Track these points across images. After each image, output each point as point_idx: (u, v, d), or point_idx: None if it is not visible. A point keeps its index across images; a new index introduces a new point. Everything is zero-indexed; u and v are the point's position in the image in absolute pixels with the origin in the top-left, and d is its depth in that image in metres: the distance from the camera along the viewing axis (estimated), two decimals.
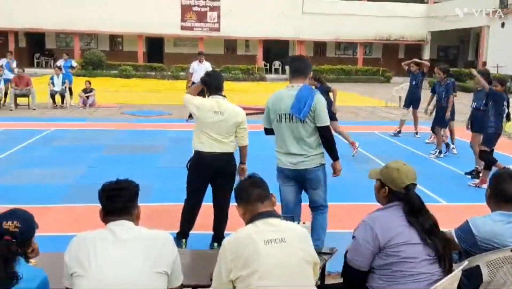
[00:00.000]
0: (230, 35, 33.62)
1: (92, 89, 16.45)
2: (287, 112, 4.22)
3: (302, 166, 4.30)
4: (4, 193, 6.65)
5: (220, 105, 4.66)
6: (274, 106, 4.31)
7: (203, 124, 4.65)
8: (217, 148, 4.66)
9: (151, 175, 7.63)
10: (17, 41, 33.36)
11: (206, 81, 4.83)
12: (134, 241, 2.34)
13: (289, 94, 4.23)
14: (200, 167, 4.75)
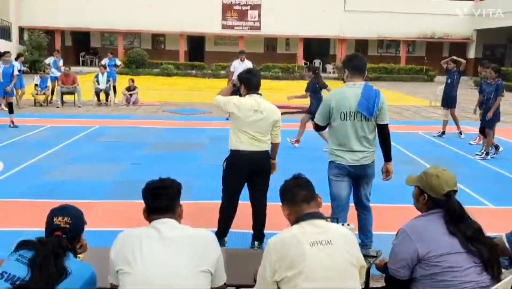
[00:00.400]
0: (271, 34, 33.63)
1: (135, 87, 16.75)
2: (353, 110, 4.22)
3: (364, 161, 4.37)
4: (51, 188, 6.85)
5: (259, 104, 4.67)
6: (338, 104, 4.26)
7: (242, 124, 4.64)
8: (255, 146, 4.67)
9: (192, 173, 7.70)
10: (64, 40, 34.32)
11: (248, 79, 4.80)
12: (178, 239, 2.36)
13: (354, 92, 4.23)
14: (238, 166, 4.75)
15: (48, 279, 2.23)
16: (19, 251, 2.34)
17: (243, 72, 5.04)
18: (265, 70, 30.76)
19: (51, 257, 2.27)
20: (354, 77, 4.33)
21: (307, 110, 10.32)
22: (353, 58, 4.52)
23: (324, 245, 2.32)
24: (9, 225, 5.42)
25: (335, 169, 4.41)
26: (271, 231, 5.30)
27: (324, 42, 36.06)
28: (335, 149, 4.39)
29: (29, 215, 5.81)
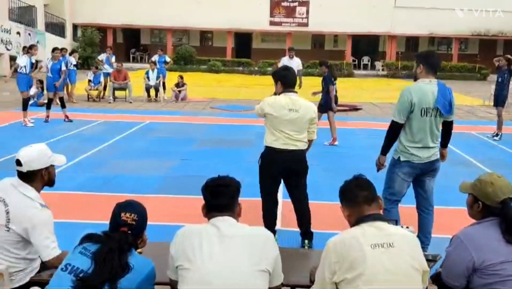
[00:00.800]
0: (319, 30, 33.34)
1: (184, 84, 16.98)
2: (431, 107, 4.25)
3: (434, 157, 4.43)
4: (105, 182, 7.04)
5: (294, 102, 4.61)
6: (420, 100, 4.24)
7: (278, 122, 4.59)
8: (291, 145, 4.63)
9: (240, 170, 7.71)
10: (115, 37, 35.16)
11: (285, 76, 4.75)
12: (237, 237, 2.37)
13: (431, 89, 4.26)
14: (273, 162, 4.72)
15: (110, 273, 2.29)
16: (83, 244, 2.41)
17: (280, 69, 5.03)
18: (312, 67, 30.53)
19: (115, 252, 2.32)
20: (430, 74, 4.33)
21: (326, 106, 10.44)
22: (431, 56, 4.53)
23: (385, 248, 2.28)
24: (66, 217, 5.60)
25: (407, 168, 4.38)
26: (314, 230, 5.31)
27: (373, 39, 35.48)
28: (410, 147, 4.34)
29: (84, 207, 5.99)
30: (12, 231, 2.83)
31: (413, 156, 4.33)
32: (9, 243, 2.85)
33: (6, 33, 24.51)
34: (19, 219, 2.83)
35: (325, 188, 7.00)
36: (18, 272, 2.89)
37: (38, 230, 2.83)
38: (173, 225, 5.21)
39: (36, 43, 25.52)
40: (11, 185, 2.95)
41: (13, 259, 2.87)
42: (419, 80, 4.36)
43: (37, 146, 3.06)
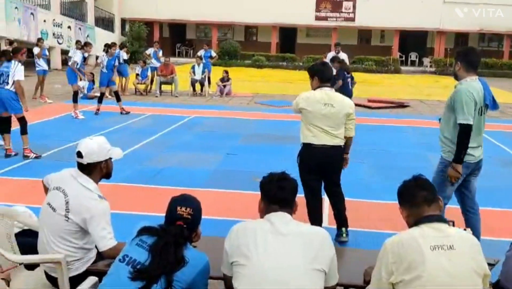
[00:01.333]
0: (365, 25, 32.86)
1: (229, 78, 17.07)
2: (482, 104, 4.19)
3: (482, 156, 4.36)
4: (153, 174, 7.16)
5: (330, 97, 4.58)
6: (478, 99, 4.14)
7: (312, 117, 4.56)
8: (327, 140, 4.58)
9: (286, 166, 7.66)
10: (162, 31, 35.69)
11: (322, 71, 4.72)
12: (293, 235, 2.34)
13: (479, 86, 4.19)
14: (312, 159, 4.67)
15: (166, 266, 2.32)
16: (140, 236, 2.45)
17: (317, 64, 5.01)
18: (358, 63, 30.17)
19: (171, 245, 2.35)
20: (470, 72, 4.22)
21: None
22: (470, 52, 4.39)
23: (445, 250, 2.21)
24: (115, 208, 5.71)
25: (463, 168, 4.19)
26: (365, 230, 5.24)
27: (421, 34, 34.67)
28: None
29: (133, 199, 6.11)
30: (71, 220, 2.91)
31: (468, 156, 4.18)
32: (67, 233, 2.92)
33: (58, 27, 25.26)
34: (78, 210, 2.90)
35: (374, 186, 6.91)
36: (75, 261, 2.97)
37: (96, 221, 2.89)
38: (220, 219, 5.27)
39: (86, 38, 26.23)
40: (70, 176, 3.02)
41: (71, 248, 2.95)
42: (467, 79, 4.21)
43: (97, 138, 3.13)
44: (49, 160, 7.86)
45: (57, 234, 2.93)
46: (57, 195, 2.97)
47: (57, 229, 2.93)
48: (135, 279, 2.29)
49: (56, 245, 2.93)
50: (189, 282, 2.39)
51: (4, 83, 7.76)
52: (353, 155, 8.43)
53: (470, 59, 4.24)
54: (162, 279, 2.30)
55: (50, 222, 2.96)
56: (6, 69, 7.84)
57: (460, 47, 4.88)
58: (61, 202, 2.93)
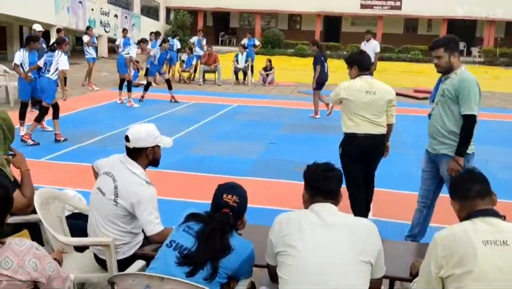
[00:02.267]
0: (412, 14, 32.05)
1: (272, 67, 17.02)
2: None
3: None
4: (196, 162, 7.24)
5: (370, 84, 4.53)
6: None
7: (354, 106, 4.51)
8: (371, 129, 4.53)
9: (328, 155, 7.58)
10: (205, 20, 35.88)
11: (361, 59, 4.68)
12: (339, 226, 2.32)
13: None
14: (355, 149, 4.61)
15: (212, 252, 2.35)
16: (187, 223, 2.48)
17: (355, 53, 4.98)
18: (404, 52, 29.53)
19: (218, 232, 2.38)
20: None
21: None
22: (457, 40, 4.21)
23: (499, 245, 2.14)
24: (159, 194, 5.82)
25: (472, 158, 4.11)
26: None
27: (470, 23, 33.55)
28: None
29: (178, 185, 6.21)
30: (119, 205, 2.98)
31: (472, 146, 4.07)
32: (116, 217, 3.00)
33: (105, 16, 25.77)
34: (126, 195, 2.96)
35: (419, 178, 6.76)
36: (123, 244, 3.04)
37: (143, 206, 2.94)
38: (263, 208, 5.29)
39: (132, 26, 26.68)
40: (119, 161, 3.09)
41: (119, 232, 3.02)
42: (462, 68, 4.06)
43: (147, 125, 3.18)
44: (96, 145, 8.07)
45: (106, 217, 3.01)
46: (106, 179, 3.04)
47: (106, 213, 3.01)
48: (181, 264, 2.33)
49: (105, 228, 3.01)
50: (234, 269, 2.42)
51: (46, 71, 8.13)
52: (398, 146, 8.37)
53: (458, 48, 4.12)
54: (208, 265, 2.34)
55: (100, 206, 3.04)
56: (50, 58, 8.20)
57: (443, 37, 4.66)
58: (110, 186, 3.00)
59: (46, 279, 2.10)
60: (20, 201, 3.10)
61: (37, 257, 2.10)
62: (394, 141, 8.65)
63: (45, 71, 8.15)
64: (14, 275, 2.01)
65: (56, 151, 7.55)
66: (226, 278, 2.40)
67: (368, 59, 4.80)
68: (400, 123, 10.54)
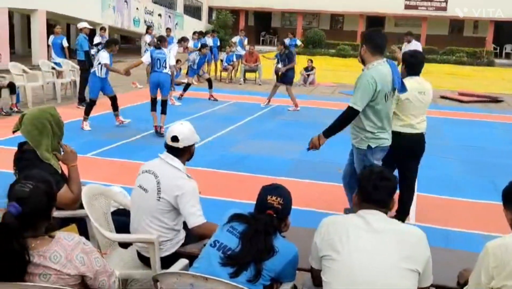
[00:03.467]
0: (458, 15, 31.28)
1: (313, 67, 16.92)
2: (389, 89, 4.16)
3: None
4: (236, 161, 7.26)
5: (422, 85, 4.66)
6: (385, 84, 4.08)
7: (408, 106, 4.59)
8: (415, 128, 4.63)
9: None
10: (247, 20, 36.02)
11: (412, 62, 4.74)
12: (387, 233, 2.26)
13: (387, 70, 4.13)
14: (398, 148, 4.51)
15: (256, 253, 2.33)
16: (231, 223, 2.48)
17: (407, 54, 4.99)
18: (449, 54, 28.85)
19: (261, 234, 2.36)
20: (376, 55, 4.12)
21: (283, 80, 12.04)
22: (375, 34, 4.24)
23: None
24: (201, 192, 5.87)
25: (382, 152, 4.29)
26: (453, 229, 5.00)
27: None
28: (380, 132, 4.22)
29: (218, 184, 6.23)
30: (163, 200, 3.02)
31: (384, 140, 4.24)
32: (160, 212, 3.04)
33: (149, 15, 26.20)
34: (169, 188, 3.02)
35: (464, 183, 6.59)
36: (166, 241, 3.07)
37: (186, 198, 3.00)
38: (304, 209, 5.26)
39: (175, 25, 27.04)
40: (159, 159, 3.16)
41: (162, 229, 3.06)
42: (374, 63, 4.09)
43: (186, 124, 3.24)
44: (139, 142, 8.20)
45: (150, 214, 3.05)
46: (148, 177, 3.09)
47: (149, 209, 3.05)
48: (225, 265, 2.33)
49: (148, 225, 3.05)
50: (277, 272, 2.40)
51: (162, 67, 8.75)
52: (441, 149, 8.18)
53: (376, 42, 4.12)
54: (251, 266, 2.32)
55: (143, 203, 3.08)
56: (160, 55, 8.75)
57: (366, 30, 4.69)
58: (152, 183, 3.05)
59: (93, 274, 2.14)
60: (67, 196, 3.19)
61: (85, 252, 2.13)
62: (436, 145, 8.55)
63: (160, 67, 8.70)
64: (63, 269, 2.05)
65: (101, 147, 7.71)
66: (269, 280, 2.38)
67: (420, 63, 4.82)
68: (444, 127, 10.37)
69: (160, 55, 8.74)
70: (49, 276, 2.04)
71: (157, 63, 8.71)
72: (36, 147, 3.20)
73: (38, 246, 2.05)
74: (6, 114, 9.76)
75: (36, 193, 2.07)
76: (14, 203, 2.01)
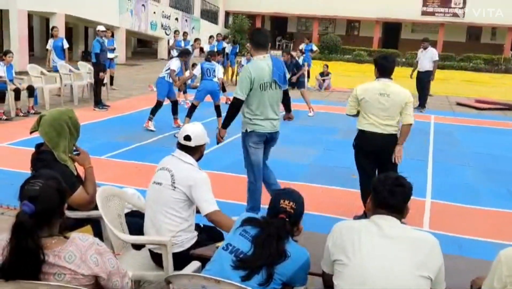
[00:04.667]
0: (475, 22, 31.04)
1: (329, 73, 16.89)
2: (267, 80, 4.68)
3: (276, 129, 5.00)
4: None
5: (386, 87, 4.79)
6: (258, 76, 4.62)
7: (370, 107, 4.82)
8: (380, 129, 4.83)
9: None
10: (263, 24, 36.08)
11: (382, 64, 4.91)
12: (400, 239, 2.26)
13: (266, 64, 4.69)
14: (364, 145, 5.04)
15: (268, 257, 2.34)
16: (244, 226, 2.49)
17: (379, 56, 5.15)
18: (465, 61, 28.61)
19: (274, 238, 2.37)
20: (260, 50, 4.74)
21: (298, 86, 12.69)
22: (257, 33, 4.96)
23: None
24: (216, 196, 5.89)
25: (255, 137, 4.88)
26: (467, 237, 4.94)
27: None
28: (255, 118, 4.79)
29: (233, 187, 6.24)
30: (177, 189, 3.13)
31: (258, 126, 4.80)
32: (174, 202, 3.13)
33: (166, 19, 26.39)
34: (183, 179, 3.14)
35: (480, 191, 6.52)
36: (179, 232, 3.14)
37: (199, 187, 3.13)
38: (317, 214, 5.26)
39: (192, 29, 27.19)
40: (172, 156, 3.30)
41: (177, 218, 3.14)
42: (255, 58, 4.75)
43: (198, 124, 3.42)
44: (154, 145, 8.26)
45: (165, 204, 3.14)
46: (162, 173, 3.22)
47: (164, 200, 3.15)
48: (237, 268, 2.34)
49: (164, 215, 3.14)
50: (289, 276, 2.40)
51: (212, 76, 9.62)
52: (457, 157, 8.13)
53: (257, 39, 4.76)
54: (263, 270, 2.33)
55: (157, 196, 3.18)
56: (210, 66, 9.66)
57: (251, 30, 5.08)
58: (166, 177, 3.17)
59: (106, 275, 2.16)
60: (83, 197, 3.23)
61: (99, 253, 2.15)
62: (452, 152, 8.48)
63: (210, 76, 9.59)
64: (77, 269, 2.08)
65: (116, 149, 7.78)
66: (280, 284, 2.39)
67: (394, 63, 5.01)
68: (460, 134, 10.28)
69: (210, 66, 9.66)
70: (64, 275, 2.07)
71: (207, 72, 9.60)
72: (54, 148, 3.25)
73: (53, 246, 2.08)
74: (24, 115, 9.91)
75: (47, 190, 2.10)
76: (27, 202, 2.03)
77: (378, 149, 4.92)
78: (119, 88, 14.56)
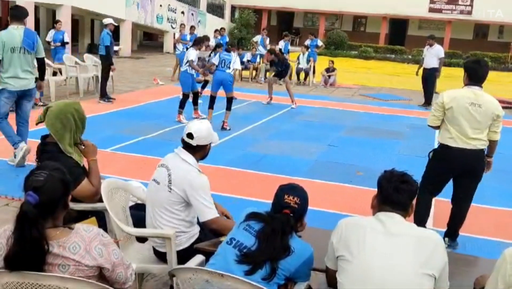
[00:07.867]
0: (483, 20, 30.87)
1: (335, 69, 16.85)
2: (16, 46, 5.96)
3: (30, 86, 6.26)
4: (255, 160, 7.27)
5: (477, 96, 4.24)
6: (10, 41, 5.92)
7: (457, 117, 4.24)
8: (467, 144, 4.27)
9: (390, 161, 7.47)
10: (269, 19, 36.02)
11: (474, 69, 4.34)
12: (404, 236, 2.25)
13: (18, 33, 5.97)
14: (446, 161, 4.41)
15: (272, 252, 2.35)
16: (248, 221, 2.49)
17: (470, 61, 4.65)
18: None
19: (278, 233, 2.37)
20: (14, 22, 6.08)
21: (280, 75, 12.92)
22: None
23: None
24: (218, 190, 5.89)
25: (6, 93, 6.07)
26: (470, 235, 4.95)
27: None
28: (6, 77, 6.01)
29: (235, 182, 6.25)
30: (173, 192, 3.07)
31: (6, 84, 6.01)
32: (171, 203, 3.09)
33: (172, 12, 26.36)
34: (179, 182, 3.06)
35: (487, 190, 6.48)
36: (179, 233, 3.12)
37: (196, 192, 3.04)
38: (321, 210, 5.25)
39: (198, 23, 27.16)
40: (174, 153, 3.22)
41: (175, 220, 3.11)
42: (9, 27, 6.03)
43: (205, 123, 3.28)
44: (159, 138, 8.27)
45: (162, 205, 3.10)
46: (161, 170, 3.17)
47: (161, 200, 3.10)
48: (241, 263, 2.35)
49: (161, 217, 3.10)
50: (292, 271, 2.41)
51: (226, 67, 9.52)
52: None
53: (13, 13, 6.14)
54: (267, 265, 2.34)
55: (155, 196, 3.14)
56: (227, 57, 9.57)
57: None
58: (164, 175, 3.12)
59: (110, 266, 2.17)
60: (88, 189, 3.24)
61: (103, 244, 2.16)
62: None
63: (224, 67, 9.50)
64: (81, 260, 2.08)
65: (121, 142, 7.79)
66: (283, 279, 2.40)
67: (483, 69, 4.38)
68: None
69: (227, 56, 9.58)
70: (68, 266, 2.08)
71: (222, 63, 9.52)
72: (59, 140, 3.26)
73: (57, 236, 2.09)
74: None
75: (51, 180, 2.11)
76: (31, 192, 2.04)
77: (469, 167, 4.37)
78: (124, 82, 14.57)
